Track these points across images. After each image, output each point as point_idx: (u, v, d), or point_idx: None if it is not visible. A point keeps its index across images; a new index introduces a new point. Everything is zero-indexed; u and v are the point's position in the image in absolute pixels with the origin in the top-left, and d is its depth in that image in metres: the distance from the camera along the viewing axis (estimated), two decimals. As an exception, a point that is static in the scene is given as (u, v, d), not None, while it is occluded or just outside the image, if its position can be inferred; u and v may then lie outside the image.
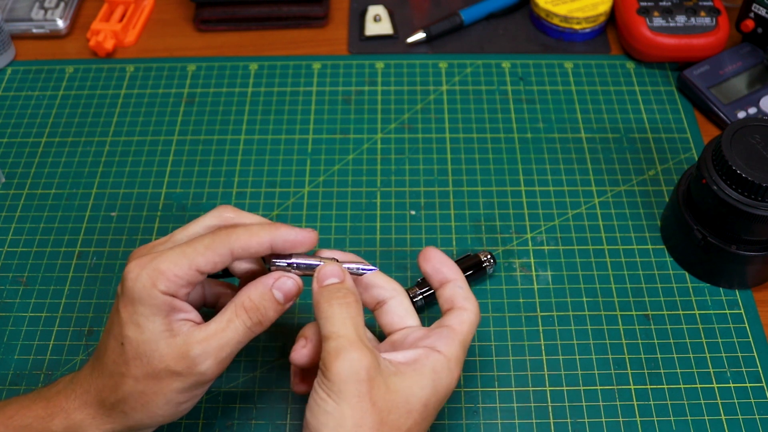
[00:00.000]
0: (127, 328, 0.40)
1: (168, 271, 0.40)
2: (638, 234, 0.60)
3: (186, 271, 0.40)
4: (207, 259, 0.40)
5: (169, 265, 0.40)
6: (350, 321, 0.40)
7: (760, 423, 0.50)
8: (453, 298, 0.44)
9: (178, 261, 0.40)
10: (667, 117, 0.68)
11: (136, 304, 0.40)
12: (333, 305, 0.41)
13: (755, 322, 0.54)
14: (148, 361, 0.40)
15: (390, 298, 0.45)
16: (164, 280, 0.39)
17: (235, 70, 0.73)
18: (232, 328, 0.41)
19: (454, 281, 0.45)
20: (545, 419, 0.50)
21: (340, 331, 0.40)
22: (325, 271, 0.42)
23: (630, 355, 0.53)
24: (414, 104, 0.69)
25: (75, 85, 0.72)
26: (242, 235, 0.41)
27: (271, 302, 0.42)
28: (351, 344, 0.39)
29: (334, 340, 0.39)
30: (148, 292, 0.39)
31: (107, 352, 0.41)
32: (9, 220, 0.61)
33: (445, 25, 0.75)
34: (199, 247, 0.40)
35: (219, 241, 0.41)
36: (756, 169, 0.49)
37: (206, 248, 0.40)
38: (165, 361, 0.40)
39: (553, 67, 0.72)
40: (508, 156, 0.65)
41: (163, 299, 0.40)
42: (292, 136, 0.67)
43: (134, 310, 0.40)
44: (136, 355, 0.40)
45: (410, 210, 0.61)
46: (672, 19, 0.69)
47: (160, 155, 0.66)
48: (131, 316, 0.40)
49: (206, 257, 0.40)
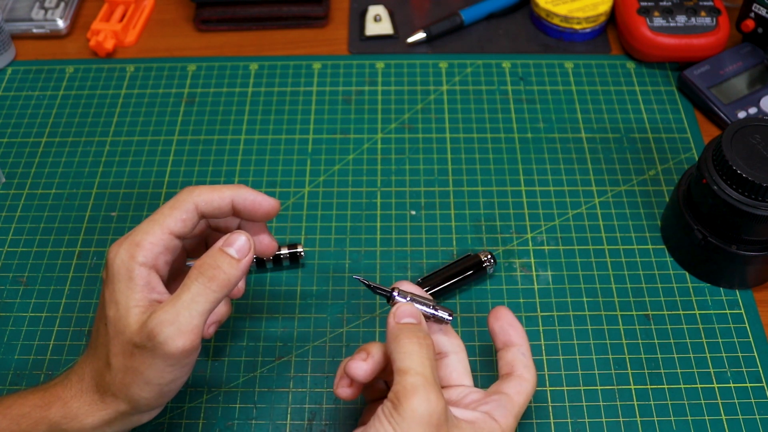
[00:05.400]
0: (108, 308, 0.41)
1: (143, 241, 0.41)
2: (638, 234, 0.60)
3: (160, 237, 0.42)
4: (175, 219, 0.42)
5: (142, 236, 0.41)
6: (429, 362, 0.40)
7: (761, 423, 0.49)
8: (514, 363, 0.44)
9: (150, 229, 0.42)
10: (667, 117, 0.68)
11: (115, 282, 0.41)
12: (414, 342, 0.40)
13: (756, 322, 0.54)
14: (122, 337, 0.40)
15: (452, 353, 0.45)
16: (141, 250, 0.41)
17: (235, 70, 0.73)
18: (189, 292, 0.40)
19: (519, 347, 0.45)
20: (545, 419, 0.50)
21: (419, 369, 0.39)
22: (403, 309, 0.42)
23: (630, 355, 0.53)
24: (414, 104, 0.69)
25: (75, 85, 0.72)
26: (204, 191, 0.43)
27: (224, 257, 0.42)
28: (429, 385, 0.38)
29: (412, 376, 0.38)
30: (126, 266, 0.41)
31: (97, 337, 0.42)
32: (9, 220, 0.61)
33: (446, 25, 0.75)
34: (164, 210, 0.43)
35: (182, 200, 0.43)
36: (756, 169, 0.49)
37: (171, 209, 0.42)
38: (131, 335, 0.40)
39: (553, 67, 0.72)
40: (509, 156, 0.65)
41: (141, 272, 0.41)
42: (292, 136, 0.67)
43: (114, 288, 0.41)
44: (115, 332, 0.41)
45: (410, 210, 0.61)
46: (672, 19, 0.69)
47: (160, 155, 0.66)
48: (111, 295, 0.41)
49: (173, 216, 0.42)
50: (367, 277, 0.57)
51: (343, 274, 0.57)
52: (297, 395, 0.51)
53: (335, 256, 0.58)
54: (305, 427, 0.50)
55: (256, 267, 0.57)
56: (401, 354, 0.40)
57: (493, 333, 0.46)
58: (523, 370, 0.44)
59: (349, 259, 0.58)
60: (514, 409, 0.42)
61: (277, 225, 0.60)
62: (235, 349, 0.53)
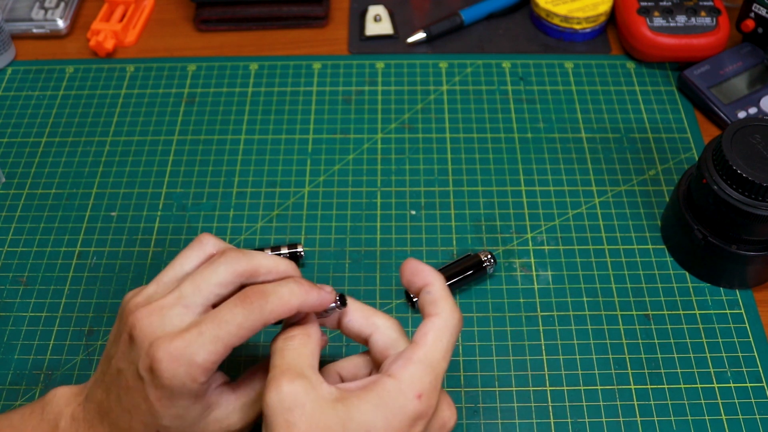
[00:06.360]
0: (165, 419, 0.39)
1: (205, 362, 0.38)
2: (638, 234, 0.60)
3: (222, 355, 0.38)
4: (241, 338, 0.39)
5: (205, 356, 0.38)
6: (289, 352, 0.39)
7: (761, 423, 0.49)
8: (423, 306, 0.41)
9: (214, 349, 0.38)
10: (667, 117, 0.68)
11: (175, 399, 0.38)
12: (278, 340, 0.40)
13: (756, 322, 0.54)
14: None
15: (370, 333, 0.42)
16: (202, 371, 0.38)
17: (235, 70, 0.73)
18: None
19: (424, 288, 0.41)
20: (546, 419, 0.50)
21: (275, 361, 0.39)
22: None
23: (630, 354, 0.53)
24: (414, 104, 0.69)
25: (75, 85, 0.72)
26: (276, 307, 0.39)
27: None
28: (282, 374, 0.37)
29: (269, 372, 0.38)
30: (188, 387, 0.38)
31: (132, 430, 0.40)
32: (9, 220, 0.61)
33: (446, 25, 0.75)
34: (231, 328, 0.38)
35: (254, 318, 0.39)
36: (756, 169, 0.49)
37: (239, 328, 0.38)
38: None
39: (553, 67, 0.72)
40: (509, 156, 0.65)
41: (202, 388, 0.39)
42: (292, 136, 0.67)
43: (172, 404, 0.38)
44: None
45: (410, 210, 0.61)
46: (672, 19, 0.69)
47: (160, 155, 0.66)
48: (168, 409, 0.38)
49: (240, 336, 0.38)
50: (367, 277, 0.57)
51: (343, 274, 0.57)
52: (297, 395, 0.51)
53: (335, 256, 0.58)
54: (305, 427, 0.50)
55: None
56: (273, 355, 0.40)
57: (407, 288, 0.43)
58: (430, 307, 0.40)
59: (349, 259, 0.58)
60: (414, 356, 0.38)
61: (277, 225, 0.60)
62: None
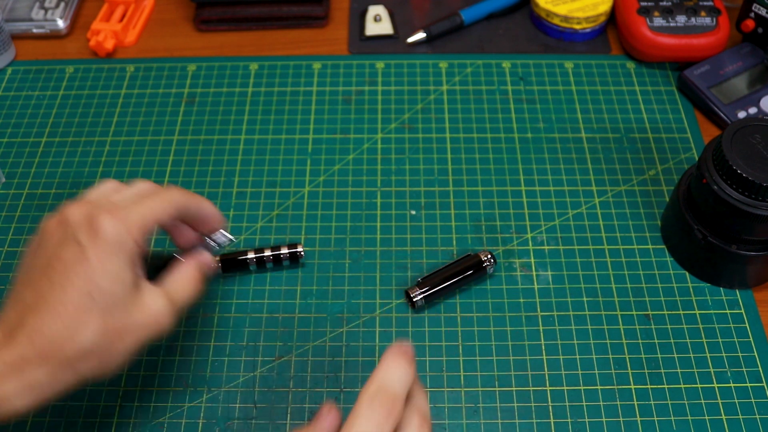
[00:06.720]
0: (102, 278, 0.40)
1: (139, 221, 0.42)
2: (638, 234, 0.60)
3: (150, 223, 0.43)
4: (167, 213, 0.44)
5: (138, 218, 0.42)
6: None
7: (761, 423, 0.49)
8: None
9: (144, 214, 0.43)
10: (667, 117, 0.68)
11: (113, 255, 0.41)
12: None
13: (756, 322, 0.54)
14: (120, 314, 0.41)
15: None
16: (138, 228, 0.42)
17: (235, 70, 0.73)
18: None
19: None
20: (545, 419, 0.50)
21: None
22: None
23: (630, 354, 0.53)
24: (414, 104, 0.69)
25: (75, 85, 0.72)
26: (191, 199, 0.46)
27: None
28: None
29: None
30: (125, 243, 0.41)
31: (65, 304, 0.40)
32: (9, 220, 0.61)
33: (446, 25, 0.75)
34: (161, 201, 0.44)
35: (181, 200, 0.45)
36: (756, 169, 0.49)
37: (165, 203, 0.44)
38: (134, 315, 0.42)
39: (553, 67, 0.72)
40: (509, 156, 0.65)
41: (137, 251, 0.42)
42: (292, 136, 0.67)
43: (110, 260, 0.41)
44: (108, 307, 0.40)
45: (410, 210, 0.61)
46: (672, 19, 0.69)
47: (160, 155, 0.66)
48: (106, 264, 0.41)
49: (167, 211, 0.44)
50: (367, 277, 0.57)
51: (343, 274, 0.57)
52: (297, 395, 0.51)
53: (335, 256, 0.58)
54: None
55: (256, 267, 0.57)
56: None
57: None
58: None
59: (349, 259, 0.58)
60: None
61: (277, 225, 0.60)
62: (235, 348, 0.53)
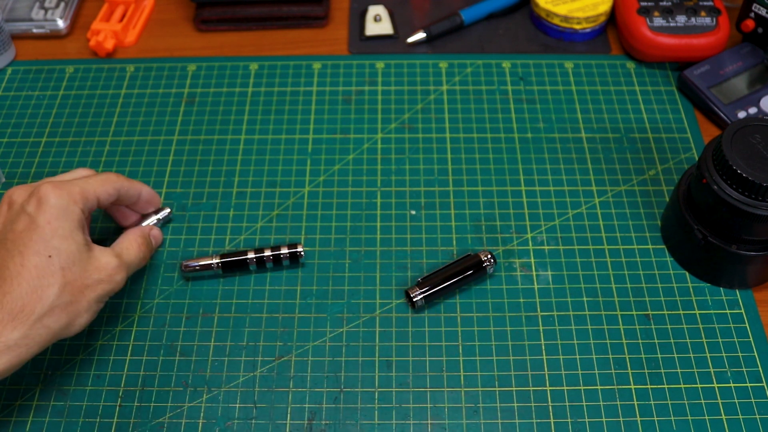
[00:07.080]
0: (55, 239, 0.46)
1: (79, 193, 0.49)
2: (638, 234, 0.60)
3: (91, 197, 0.50)
4: (106, 191, 0.51)
5: (78, 190, 0.49)
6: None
7: (761, 423, 0.49)
8: None
9: (84, 188, 0.50)
10: (667, 117, 0.68)
11: (61, 219, 0.47)
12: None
13: (756, 322, 0.54)
14: (78, 270, 0.47)
15: None
16: (80, 196, 0.49)
17: (235, 70, 0.73)
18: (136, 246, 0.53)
19: None
20: (545, 419, 0.50)
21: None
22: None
23: (630, 354, 0.53)
24: (414, 104, 0.69)
25: (75, 85, 0.72)
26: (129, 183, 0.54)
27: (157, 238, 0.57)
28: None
29: None
30: (71, 209, 0.48)
31: (27, 268, 0.45)
32: (9, 220, 0.61)
33: (446, 25, 0.75)
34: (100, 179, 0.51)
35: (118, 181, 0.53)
36: (756, 169, 0.49)
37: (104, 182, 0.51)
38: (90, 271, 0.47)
39: (553, 67, 0.72)
40: (509, 156, 0.65)
41: (81, 216, 0.49)
42: (292, 136, 0.67)
43: (60, 224, 0.47)
44: (67, 264, 0.46)
45: (410, 210, 0.61)
46: (672, 19, 0.69)
47: (160, 155, 0.66)
48: (57, 228, 0.47)
49: (106, 189, 0.51)
50: (367, 277, 0.57)
51: (343, 274, 0.57)
52: (297, 395, 0.51)
53: (335, 256, 0.58)
54: (305, 427, 0.50)
55: (256, 267, 0.57)
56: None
57: None
58: None
59: (349, 259, 0.58)
60: None
61: (277, 225, 0.60)
62: (235, 349, 0.54)
